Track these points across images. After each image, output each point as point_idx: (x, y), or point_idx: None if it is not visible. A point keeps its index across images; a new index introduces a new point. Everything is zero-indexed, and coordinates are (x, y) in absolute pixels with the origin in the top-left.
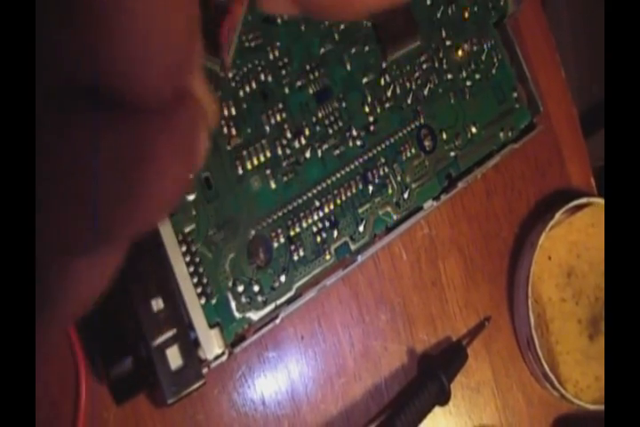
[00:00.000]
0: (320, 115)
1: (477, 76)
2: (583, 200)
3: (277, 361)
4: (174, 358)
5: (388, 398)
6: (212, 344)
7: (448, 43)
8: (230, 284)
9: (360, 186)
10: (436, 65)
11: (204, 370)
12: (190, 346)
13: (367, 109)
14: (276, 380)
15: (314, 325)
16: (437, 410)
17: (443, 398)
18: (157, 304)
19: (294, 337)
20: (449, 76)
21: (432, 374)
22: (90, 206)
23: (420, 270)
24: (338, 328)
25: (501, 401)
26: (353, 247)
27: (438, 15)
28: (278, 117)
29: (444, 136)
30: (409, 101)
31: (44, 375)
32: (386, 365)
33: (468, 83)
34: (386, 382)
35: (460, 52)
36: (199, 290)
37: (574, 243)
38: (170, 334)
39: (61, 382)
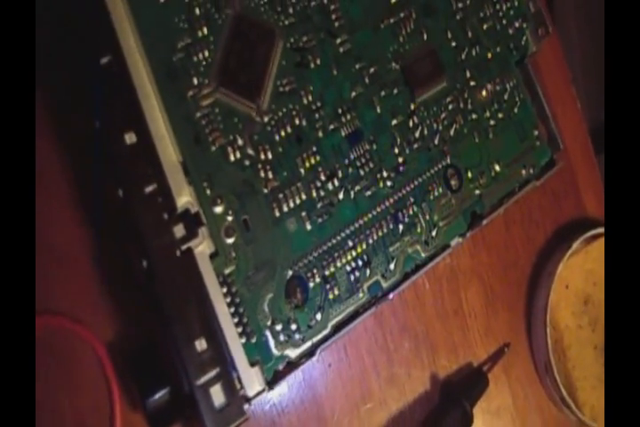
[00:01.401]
0: (352, 157)
1: (500, 116)
2: (599, 230)
3: (305, 388)
4: (217, 396)
5: (412, 423)
6: (252, 382)
7: (472, 83)
8: (269, 323)
9: (391, 225)
10: (462, 105)
11: (245, 406)
12: (232, 384)
13: (397, 151)
14: (304, 407)
15: (340, 353)
16: None
17: (466, 424)
18: (201, 345)
19: (322, 365)
20: (473, 116)
21: (455, 400)
22: None
23: (442, 299)
24: (363, 355)
25: (520, 425)
26: (385, 285)
27: (463, 56)
28: (312, 160)
29: (469, 175)
30: (436, 142)
31: (79, 406)
32: (410, 391)
33: (492, 122)
34: (410, 407)
35: (484, 93)
36: (240, 330)
37: (590, 271)
38: (213, 373)
39: (97, 413)
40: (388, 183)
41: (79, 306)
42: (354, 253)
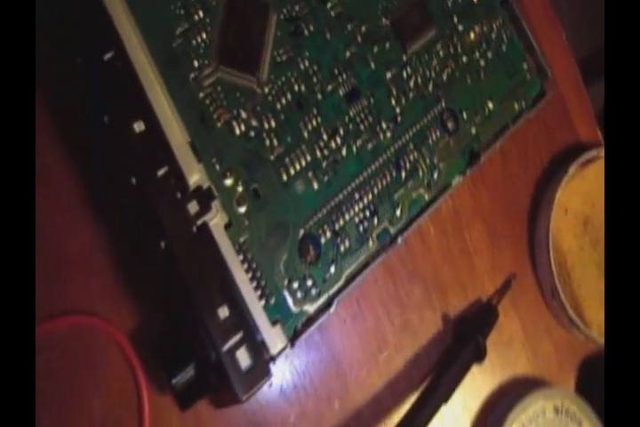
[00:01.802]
0: (352, 114)
1: (489, 55)
2: (593, 153)
3: (323, 348)
4: (243, 358)
5: (428, 364)
6: (275, 341)
7: (460, 28)
8: (286, 282)
9: (394, 173)
10: (452, 50)
11: (270, 365)
12: (256, 346)
13: (393, 102)
14: (322, 363)
15: (354, 307)
16: (473, 369)
17: (479, 356)
18: (223, 312)
19: (337, 322)
20: (464, 59)
21: (467, 335)
22: None
23: (447, 242)
24: (376, 307)
25: (531, 351)
26: (392, 231)
27: (449, 4)
28: (314, 122)
29: (465, 116)
30: (430, 89)
31: (106, 398)
32: (424, 334)
33: (482, 63)
34: (425, 350)
35: (472, 35)
36: (259, 293)
37: (588, 194)
38: (237, 337)
39: (125, 403)
40: (388, 134)
41: (97, 302)
42: (361, 205)
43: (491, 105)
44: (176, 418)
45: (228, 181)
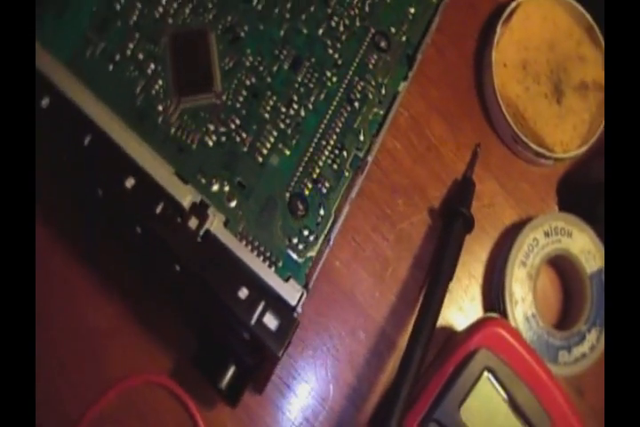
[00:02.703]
0: (299, 79)
1: None
2: (512, 5)
3: (334, 290)
4: (271, 322)
5: (429, 259)
6: (292, 293)
7: None
8: (287, 242)
9: (348, 108)
10: None
11: (295, 314)
12: (278, 305)
13: (331, 51)
14: (338, 304)
15: (352, 244)
16: (468, 240)
17: (469, 226)
18: (243, 292)
19: (341, 265)
20: None
21: (453, 212)
22: None
23: (413, 147)
24: (370, 234)
25: (513, 200)
26: (361, 155)
27: None
28: (271, 102)
29: (393, 30)
30: (357, 24)
31: None
32: (417, 236)
33: None
34: (423, 249)
35: None
36: (267, 263)
37: (519, 41)
38: (260, 307)
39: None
40: (334, 79)
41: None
42: (329, 148)
43: (412, 9)
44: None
45: (215, 187)
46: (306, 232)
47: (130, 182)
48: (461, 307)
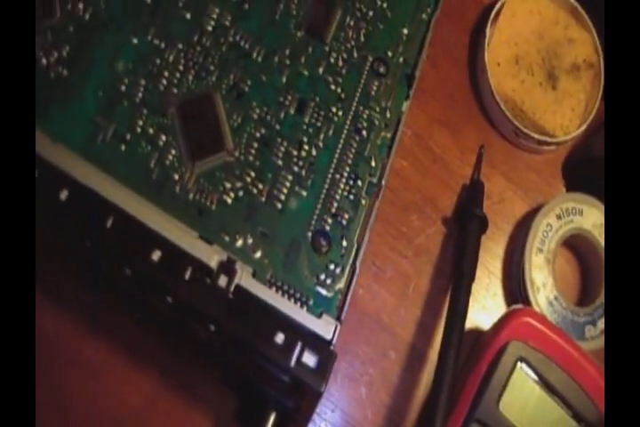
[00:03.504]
0: (307, 120)
1: None
2: (497, 5)
3: (360, 315)
4: (310, 359)
5: (448, 267)
6: (327, 328)
7: None
8: (315, 280)
9: (357, 138)
10: (359, 15)
11: (332, 347)
12: (315, 341)
13: (333, 87)
14: (366, 328)
15: (372, 269)
16: (483, 239)
17: (484, 226)
18: (279, 337)
19: (363, 290)
20: (370, 13)
21: (466, 215)
22: None
23: (419, 162)
24: (389, 254)
25: (522, 191)
26: (375, 180)
27: None
28: (282, 148)
29: (390, 53)
30: (355, 55)
31: None
32: (434, 247)
33: (384, 4)
34: (442, 257)
35: None
36: (299, 304)
37: (509, 37)
38: (298, 347)
39: None
40: (340, 113)
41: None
42: (344, 180)
43: (405, 30)
44: None
45: (239, 242)
46: (332, 266)
47: (156, 255)
48: (484, 305)
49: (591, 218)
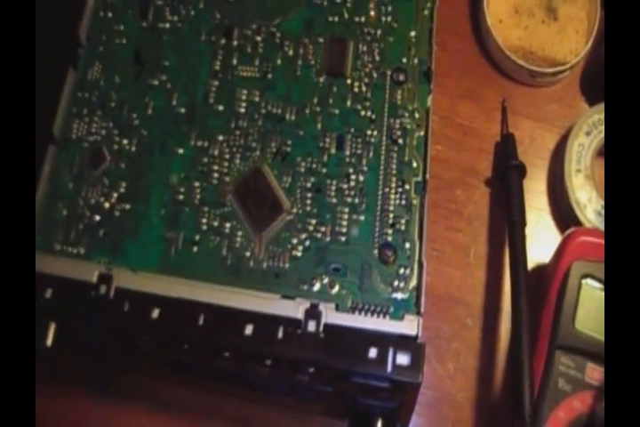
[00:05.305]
0: (348, 153)
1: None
2: None
3: (429, 301)
4: (403, 359)
5: (502, 222)
6: (411, 326)
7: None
8: (390, 289)
9: (395, 147)
10: (368, 38)
11: (419, 340)
12: (404, 342)
13: (363, 113)
14: (439, 309)
15: (433, 255)
16: (525, 182)
17: (523, 173)
18: (372, 352)
19: (432, 277)
20: (379, 32)
21: (506, 166)
22: None
23: (453, 142)
24: (445, 235)
25: (548, 124)
26: (420, 178)
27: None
28: (333, 188)
29: (405, 60)
30: (375, 76)
31: None
32: (483, 210)
33: (389, 18)
34: (493, 216)
35: (372, 13)
36: (382, 316)
37: None
38: (391, 354)
39: None
40: (375, 133)
41: None
42: (393, 191)
43: (413, 33)
44: None
45: (317, 286)
46: (401, 270)
47: (249, 329)
48: (540, 241)
49: None
